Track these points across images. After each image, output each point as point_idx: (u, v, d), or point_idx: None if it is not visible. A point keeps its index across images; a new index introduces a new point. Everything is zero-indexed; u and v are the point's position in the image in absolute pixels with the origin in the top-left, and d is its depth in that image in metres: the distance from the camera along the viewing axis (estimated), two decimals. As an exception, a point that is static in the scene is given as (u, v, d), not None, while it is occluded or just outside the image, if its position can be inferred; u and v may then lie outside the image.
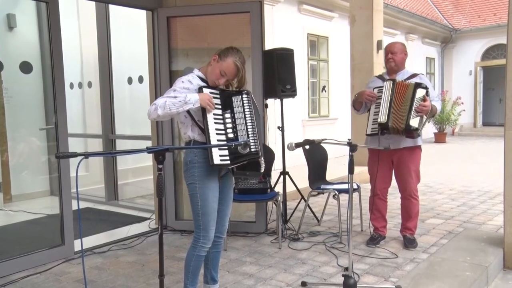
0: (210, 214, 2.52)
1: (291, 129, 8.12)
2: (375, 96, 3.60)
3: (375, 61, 7.20)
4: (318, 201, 5.39)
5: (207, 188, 2.50)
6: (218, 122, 2.47)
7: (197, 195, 2.49)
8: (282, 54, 4.18)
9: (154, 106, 2.38)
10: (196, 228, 2.54)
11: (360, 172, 6.30)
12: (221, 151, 2.41)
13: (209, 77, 2.56)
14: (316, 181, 4.17)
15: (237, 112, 2.52)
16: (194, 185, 2.49)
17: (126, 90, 5.94)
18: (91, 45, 5.77)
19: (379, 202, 3.80)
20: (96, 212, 5.27)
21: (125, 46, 5.77)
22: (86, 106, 6.22)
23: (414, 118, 3.42)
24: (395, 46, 3.66)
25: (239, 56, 2.53)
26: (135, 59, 5.56)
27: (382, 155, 3.62)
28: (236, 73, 2.53)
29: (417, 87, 3.45)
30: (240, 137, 2.48)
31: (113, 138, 5.64)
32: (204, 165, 2.47)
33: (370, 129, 3.60)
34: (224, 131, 2.48)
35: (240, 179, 3.89)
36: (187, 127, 2.53)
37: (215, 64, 2.53)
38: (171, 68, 4.24)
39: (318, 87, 9.79)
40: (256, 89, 4.09)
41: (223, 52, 2.53)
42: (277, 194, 3.91)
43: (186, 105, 2.39)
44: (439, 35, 15.28)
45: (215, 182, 2.54)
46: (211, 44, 4.23)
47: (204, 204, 2.50)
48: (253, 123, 2.51)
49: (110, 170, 5.66)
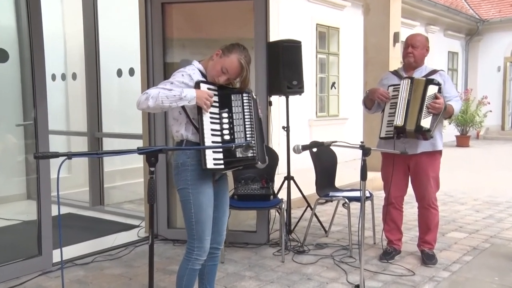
0: (205, 222, 2.52)
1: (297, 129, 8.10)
2: (389, 97, 3.59)
3: (391, 55, 7.18)
4: (326, 210, 5.39)
5: (201, 194, 2.50)
6: (214, 122, 2.48)
7: (190, 201, 2.49)
8: (289, 46, 4.18)
9: (145, 95, 2.38)
10: (190, 238, 2.54)
11: (373, 178, 6.27)
12: (215, 154, 2.41)
13: (209, 73, 2.56)
14: (324, 188, 4.16)
15: (235, 112, 2.53)
16: (187, 190, 2.49)
17: (115, 83, 5.94)
18: (76, 33, 5.76)
19: (393, 212, 3.80)
20: (79, 218, 5.26)
21: (114, 35, 5.76)
22: (69, 100, 6.22)
23: (425, 117, 3.43)
24: (416, 39, 3.64)
25: (244, 54, 2.54)
26: (125, 49, 5.55)
27: (397, 159, 3.62)
28: (239, 72, 2.53)
29: (428, 83, 3.46)
30: (237, 140, 2.49)
31: (99, 137, 5.64)
32: (198, 168, 2.47)
33: (384, 132, 3.60)
34: (220, 132, 2.48)
35: (240, 184, 3.89)
36: (180, 124, 2.53)
37: (217, 59, 2.54)
38: (165, 60, 4.25)
39: (327, 84, 9.78)
40: (260, 84, 4.10)
41: (227, 47, 2.54)
42: (281, 201, 3.91)
43: (181, 101, 2.39)
44: (464, 26, 15.25)
45: (210, 186, 2.54)
46: (210, 34, 4.24)
47: (199, 211, 2.50)
48: (252, 126, 2.52)
49: (95, 172, 5.66)
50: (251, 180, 3.94)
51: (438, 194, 3.76)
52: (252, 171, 3.88)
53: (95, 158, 5.55)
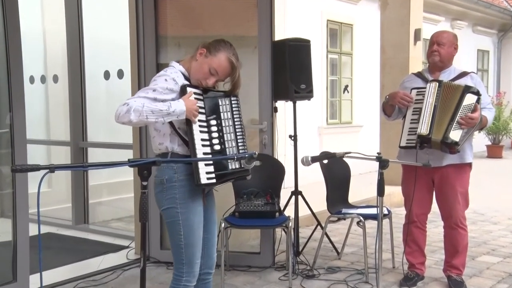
0: (196, 245, 2.52)
1: (305, 138, 8.11)
2: (411, 99, 3.60)
3: (412, 55, 7.21)
4: (339, 229, 5.39)
5: (191, 213, 2.50)
6: (202, 131, 2.48)
7: (179, 222, 2.49)
8: (296, 45, 4.21)
9: (126, 107, 2.33)
10: (177, 263, 2.53)
11: (391, 193, 6.27)
12: (207, 168, 2.42)
13: (194, 75, 2.56)
14: (336, 204, 4.17)
15: (224, 119, 2.54)
16: (175, 210, 2.48)
17: (102, 86, 5.97)
18: (58, 29, 5.80)
19: (416, 231, 3.80)
20: (60, 238, 5.27)
21: (101, 32, 5.80)
22: (50, 105, 6.25)
23: (455, 129, 3.42)
24: (443, 36, 3.65)
25: (233, 52, 2.55)
26: (113, 48, 5.59)
27: (420, 172, 3.62)
28: (230, 72, 2.54)
29: (466, 92, 3.45)
30: (228, 149, 2.51)
31: (84, 147, 5.66)
32: (187, 184, 2.47)
33: (405, 140, 3.61)
34: (209, 142, 2.49)
35: (241, 199, 3.91)
36: (164, 136, 2.52)
37: (202, 59, 2.54)
38: (158, 61, 4.28)
39: (339, 87, 9.81)
40: (264, 89, 4.12)
41: (212, 45, 2.55)
42: (288, 219, 3.91)
43: (169, 116, 2.39)
44: (496, 21, 15.24)
45: (200, 204, 2.55)
46: (208, 32, 4.26)
47: (189, 233, 2.50)
48: (243, 133, 2.55)
49: (79, 186, 5.67)
50: (254, 195, 3.95)
51: (467, 212, 3.76)
52: (256, 185, 3.89)
53: (79, 171, 5.57)
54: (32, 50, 5.78)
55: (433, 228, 4.91)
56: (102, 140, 5.81)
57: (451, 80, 3.58)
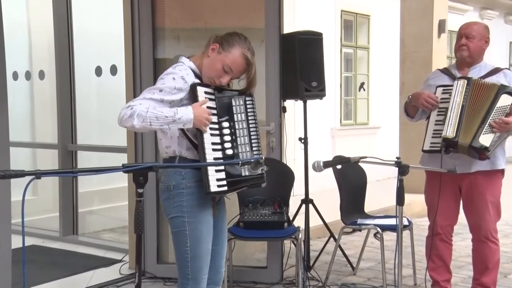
0: (203, 258, 2.52)
1: (316, 141, 8.10)
2: (437, 102, 3.57)
3: (435, 49, 7.21)
4: (354, 241, 5.38)
5: (199, 223, 2.50)
6: (213, 134, 2.49)
7: (186, 232, 2.49)
8: (307, 39, 4.22)
9: (130, 111, 2.37)
10: (182, 278, 2.54)
11: (412, 202, 6.26)
12: (218, 174, 2.42)
13: (206, 73, 2.57)
14: (350, 214, 4.17)
15: (237, 120, 2.55)
16: (182, 219, 2.49)
17: (93, 84, 5.99)
18: (45, 22, 5.82)
19: (440, 245, 3.78)
20: (46, 251, 5.28)
21: (92, 24, 5.82)
22: (36, 104, 6.27)
23: (486, 133, 3.40)
24: (472, 28, 3.62)
25: (248, 47, 2.56)
26: (106, 42, 5.61)
27: (445, 179, 3.60)
28: (245, 68, 2.55)
29: (501, 92, 3.41)
30: (241, 155, 2.51)
31: (73, 150, 5.67)
32: (196, 191, 2.48)
33: (429, 143, 3.60)
34: (221, 146, 2.50)
35: (247, 208, 3.90)
36: (171, 138, 2.54)
37: (215, 55, 2.55)
38: (155, 56, 4.29)
39: (354, 84, 9.82)
40: (271, 87, 4.12)
41: (225, 39, 2.56)
42: (297, 230, 3.91)
43: (174, 124, 2.40)
44: (531, 10, 15.17)
45: (209, 213, 2.56)
46: (210, 23, 4.28)
47: (196, 244, 2.50)
48: (258, 137, 2.55)
49: (67, 193, 5.67)
50: (261, 203, 3.94)
51: (498, 224, 3.72)
52: (262, 193, 3.88)
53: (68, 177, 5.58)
54: (15, 43, 5.79)
55: (459, 241, 4.88)
56: (94, 142, 5.83)
57: (481, 77, 3.55)
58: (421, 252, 4.17)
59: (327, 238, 4.75)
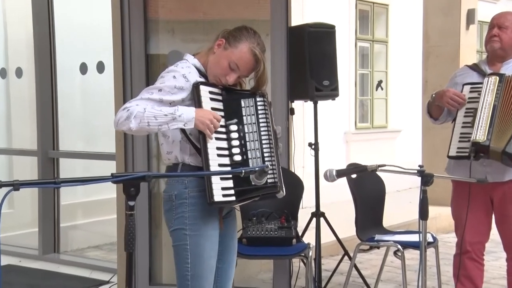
0: (205, 277, 2.54)
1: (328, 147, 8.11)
2: (464, 100, 3.58)
3: (463, 43, 7.20)
4: (371, 260, 5.38)
5: (202, 237, 2.53)
6: (219, 138, 2.51)
7: (187, 247, 2.52)
8: (318, 32, 4.23)
9: (126, 113, 2.40)
10: None
11: (437, 215, 6.25)
12: (223, 182, 2.44)
13: (211, 71, 2.61)
14: (367, 229, 4.17)
15: (247, 123, 2.57)
16: (183, 231, 2.52)
17: (77, 82, 6.00)
18: (22, 14, 5.82)
19: (470, 265, 3.75)
20: (24, 272, 5.27)
21: (76, 16, 5.83)
22: (12, 105, 6.27)
23: None
24: (506, 18, 3.59)
25: (257, 41, 2.59)
26: (92, 36, 5.62)
27: (475, 190, 3.57)
28: (254, 66, 2.58)
29: None
30: (251, 161, 2.52)
31: (55, 157, 5.68)
32: (200, 201, 2.50)
33: (455, 148, 3.58)
34: (228, 151, 2.52)
35: (250, 223, 3.90)
36: (173, 143, 2.57)
37: (220, 52, 2.58)
38: (148, 51, 4.30)
39: (371, 83, 9.82)
40: (277, 85, 4.13)
41: (232, 34, 2.59)
42: (307, 247, 3.91)
43: (174, 122, 2.42)
44: None
45: (215, 227, 2.57)
46: (209, 15, 4.31)
47: (197, 261, 2.52)
48: (270, 141, 2.56)
49: (48, 206, 5.67)
50: (266, 217, 3.95)
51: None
52: (268, 205, 3.90)
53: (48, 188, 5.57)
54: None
55: (492, 260, 4.87)
56: (78, 149, 5.83)
57: None
58: (448, 273, 4.17)
59: (340, 256, 4.74)
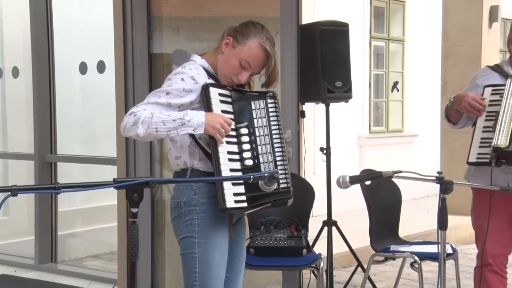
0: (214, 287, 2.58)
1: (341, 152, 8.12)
2: (483, 106, 3.58)
3: (485, 42, 7.18)
4: (386, 272, 5.38)
5: (211, 245, 2.56)
6: (230, 142, 2.55)
7: (195, 256, 2.55)
8: (330, 30, 4.24)
9: (133, 118, 2.44)
10: None
11: (457, 225, 6.24)
12: (235, 188, 2.47)
13: (222, 71, 2.65)
14: (382, 239, 4.18)
15: (258, 126, 2.61)
16: (192, 239, 2.56)
17: (77, 83, 6.00)
18: (19, 11, 5.84)
19: (492, 278, 3.72)
20: (19, 282, 5.25)
21: (76, 14, 5.83)
22: (8, 107, 6.30)
23: None
24: None
25: (266, 36, 2.63)
26: (92, 34, 5.64)
27: (496, 198, 3.56)
28: (265, 61, 2.62)
29: None
30: (263, 165, 2.55)
31: (53, 161, 5.67)
32: (210, 208, 2.54)
33: (475, 154, 3.56)
34: (239, 156, 2.56)
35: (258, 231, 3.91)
36: (181, 148, 2.61)
37: (229, 51, 2.62)
38: (151, 50, 4.32)
39: (386, 84, 9.83)
40: (287, 87, 4.15)
41: (240, 31, 2.63)
42: (318, 258, 3.92)
43: (183, 128, 2.45)
44: None
45: (225, 235, 2.61)
46: (215, 12, 4.33)
47: (206, 270, 2.55)
48: (282, 145, 2.59)
49: (45, 213, 5.66)
50: (275, 225, 3.95)
51: None
52: (277, 213, 3.91)
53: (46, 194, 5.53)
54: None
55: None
56: (77, 152, 5.83)
57: None
58: (469, 286, 4.17)
59: (354, 267, 4.75)
